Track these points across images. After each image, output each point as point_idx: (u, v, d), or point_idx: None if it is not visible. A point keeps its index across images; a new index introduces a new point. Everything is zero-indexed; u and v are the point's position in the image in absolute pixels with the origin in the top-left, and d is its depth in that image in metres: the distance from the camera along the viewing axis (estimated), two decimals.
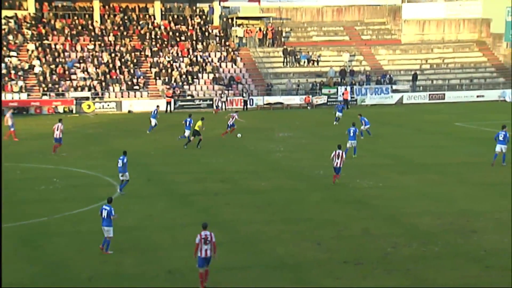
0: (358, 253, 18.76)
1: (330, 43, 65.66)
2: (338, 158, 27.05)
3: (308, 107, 56.48)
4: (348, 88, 58.16)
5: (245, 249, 19.19)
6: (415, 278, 17.01)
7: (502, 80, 62.86)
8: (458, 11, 67.34)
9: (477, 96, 60.08)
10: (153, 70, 57.73)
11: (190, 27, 63.21)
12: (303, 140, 39.08)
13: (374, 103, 58.05)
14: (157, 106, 44.01)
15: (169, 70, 57.61)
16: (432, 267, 17.71)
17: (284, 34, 65.51)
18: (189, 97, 55.89)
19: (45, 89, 53.30)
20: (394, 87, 60.08)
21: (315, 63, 62.47)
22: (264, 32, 63.94)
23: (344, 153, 27.39)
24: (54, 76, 54.54)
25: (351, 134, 32.90)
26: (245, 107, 54.88)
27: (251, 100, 56.21)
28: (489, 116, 49.64)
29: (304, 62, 62.34)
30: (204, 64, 59.08)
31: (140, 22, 62.26)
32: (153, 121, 41.52)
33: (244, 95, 55.72)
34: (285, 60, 62.08)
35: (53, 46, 57.80)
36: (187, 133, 36.58)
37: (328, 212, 23.16)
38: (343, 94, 57.19)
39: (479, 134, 41.13)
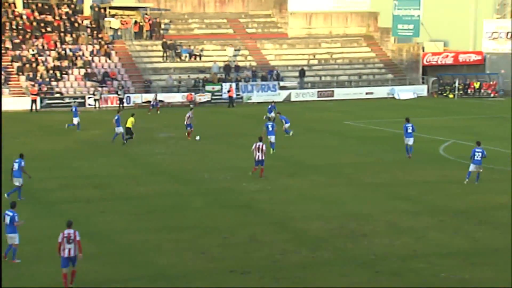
0: (245, 262, 18.94)
1: (213, 36, 65.93)
2: (259, 151, 28.35)
3: (191, 105, 56.39)
4: (233, 85, 58.61)
5: (122, 261, 18.90)
6: (304, 286, 17.38)
7: (390, 76, 65.49)
8: (345, 3, 69.42)
9: (366, 93, 62.25)
10: (15, 64, 55.68)
11: (57, 17, 61.48)
12: (185, 141, 38.99)
13: (261, 101, 58.80)
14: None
15: (34, 65, 55.77)
16: (321, 274, 18.17)
17: (163, 26, 65.08)
18: (58, 95, 54.36)
19: None
20: (282, 83, 61.15)
21: (198, 58, 62.51)
22: (141, 24, 63.27)
23: (264, 145, 28.87)
24: None
25: (270, 129, 34.24)
26: (121, 105, 54.01)
27: (127, 98, 55.42)
28: (378, 114, 51.59)
29: (186, 56, 62.22)
30: (74, 58, 57.64)
31: None
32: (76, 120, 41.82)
33: (119, 92, 54.84)
34: (165, 55, 61.70)
35: None
36: (118, 130, 37.42)
37: (212, 218, 23.23)
38: (228, 91, 57.59)
39: (368, 133, 42.66)
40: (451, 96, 63.08)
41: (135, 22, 63.40)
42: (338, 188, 27.92)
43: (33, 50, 57.03)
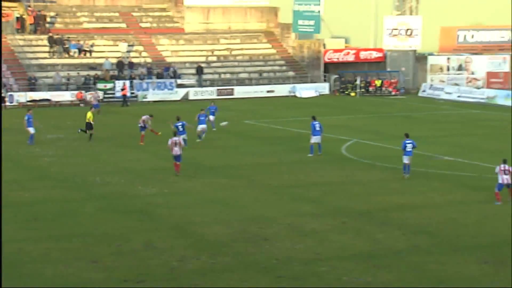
0: (140, 270, 18.75)
1: (104, 31, 64.88)
2: (176, 146, 29.29)
3: (81, 104, 55.32)
4: (127, 82, 57.89)
5: (6, 273, 18.29)
6: None
7: (292, 74, 66.44)
8: None
9: (268, 91, 62.91)
10: None
11: None
12: (75, 143, 38.21)
13: (157, 100, 58.38)
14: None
15: None
16: (221, 280, 18.21)
17: (48, 20, 63.50)
18: None
19: None
20: (179, 81, 60.90)
21: (88, 54, 61.36)
22: (24, 17, 61.47)
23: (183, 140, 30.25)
24: None
25: (180, 129, 34.65)
26: (2, 104, 52.26)
27: (10, 97, 53.71)
28: (280, 113, 52.26)
29: (74, 52, 60.94)
30: None
31: None
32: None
33: (1, 90, 53.08)
34: (52, 50, 60.24)
35: None
36: (31, 130, 37.41)
37: (105, 225, 22.88)
38: (122, 89, 56.83)
39: (269, 133, 43.13)
40: (353, 94, 64.64)
41: (18, 15, 61.57)
42: (239, 190, 28.07)
43: None
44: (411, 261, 19.71)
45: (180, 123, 35.18)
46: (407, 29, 66.69)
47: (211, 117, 42.24)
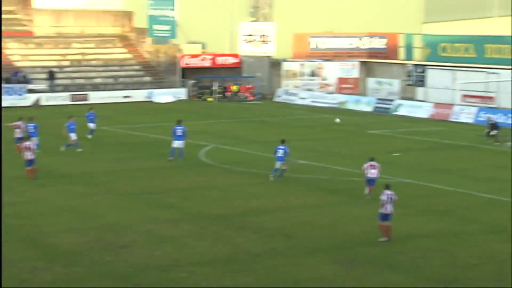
0: None
1: None
2: (28, 150, 29.94)
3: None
4: None
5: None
6: None
7: (148, 79, 65.93)
8: (97, 1, 68.67)
9: (124, 97, 62.06)
10: None
11: None
12: None
13: (7, 105, 56.09)
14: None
15: None
16: None
17: None
18: None
19: None
20: (30, 86, 58.93)
21: None
22: None
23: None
24: None
25: (32, 130, 34.24)
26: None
27: None
28: (137, 119, 51.70)
29: None
30: None
31: None
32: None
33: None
34: None
35: None
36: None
37: None
38: None
39: (126, 139, 42.54)
40: (210, 99, 64.99)
41: None
42: (95, 198, 27.49)
43: None
44: (268, 264, 20.04)
45: (32, 125, 34.35)
46: (262, 35, 67.90)
47: (91, 125, 40.99)
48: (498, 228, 23.84)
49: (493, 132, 41.58)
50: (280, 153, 30.09)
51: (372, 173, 27.46)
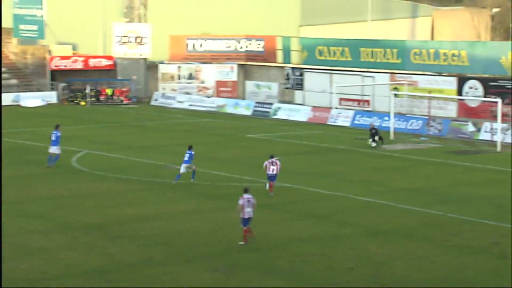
0: None
1: None
2: None
3: None
4: None
5: None
6: None
7: (15, 81, 63.86)
8: None
9: None
10: None
11: None
12: None
13: None
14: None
15: None
16: None
17: None
18: None
19: None
20: None
21: None
22: None
23: None
24: None
25: None
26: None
27: None
28: (4, 124, 49.80)
29: None
30: None
31: None
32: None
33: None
34: None
35: None
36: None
37: None
38: None
39: None
40: (83, 103, 63.71)
41: None
42: None
43: None
44: (145, 273, 19.82)
45: None
46: (137, 37, 67.19)
47: None
48: (374, 231, 24.62)
49: (376, 138, 42.49)
50: (186, 156, 31.32)
51: (273, 169, 29.54)
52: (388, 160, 39.03)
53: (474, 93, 52.23)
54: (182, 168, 31.27)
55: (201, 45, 68.92)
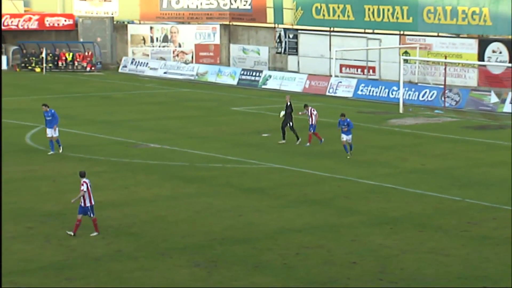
0: None
1: None
2: None
3: None
4: None
5: None
6: None
7: None
8: None
9: None
10: None
11: None
12: None
13: None
14: None
15: None
16: None
17: None
18: None
19: None
20: None
21: None
22: None
23: None
24: None
25: None
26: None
27: None
28: None
29: None
30: None
31: None
32: None
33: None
34: None
35: None
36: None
37: None
38: None
39: None
40: (38, 69, 63.57)
41: None
42: None
43: None
44: (112, 269, 19.88)
45: None
46: None
47: None
48: (380, 220, 24.74)
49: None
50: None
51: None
52: (397, 137, 39.16)
53: (498, 58, 52.36)
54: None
55: (177, 2, 68.61)
